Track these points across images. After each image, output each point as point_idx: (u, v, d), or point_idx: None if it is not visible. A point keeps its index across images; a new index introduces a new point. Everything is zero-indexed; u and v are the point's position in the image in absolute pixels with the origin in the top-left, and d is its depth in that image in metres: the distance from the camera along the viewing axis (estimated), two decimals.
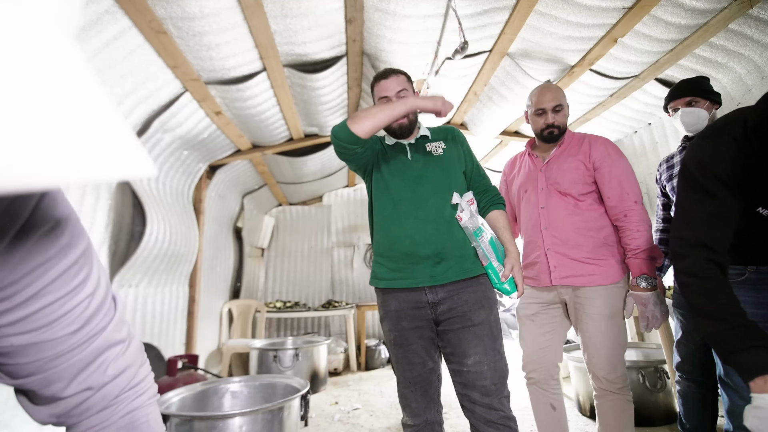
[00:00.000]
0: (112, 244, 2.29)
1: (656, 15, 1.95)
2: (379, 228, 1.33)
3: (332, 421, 2.52)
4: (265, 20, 1.85)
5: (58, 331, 0.39)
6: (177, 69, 2.06)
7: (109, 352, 0.44)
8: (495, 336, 1.23)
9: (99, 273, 0.43)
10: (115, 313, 0.45)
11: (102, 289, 0.43)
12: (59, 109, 0.18)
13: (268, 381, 2.12)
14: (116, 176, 0.20)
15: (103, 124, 0.20)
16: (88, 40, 1.65)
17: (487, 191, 1.40)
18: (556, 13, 1.97)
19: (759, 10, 1.87)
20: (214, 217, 3.79)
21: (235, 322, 4.03)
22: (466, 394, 1.21)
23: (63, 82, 0.19)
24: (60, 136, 0.18)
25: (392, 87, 1.34)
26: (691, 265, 0.92)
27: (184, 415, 1.54)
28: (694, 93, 1.59)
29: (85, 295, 0.41)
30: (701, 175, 0.93)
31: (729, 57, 2.21)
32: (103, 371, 0.43)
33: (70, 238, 0.39)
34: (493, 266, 1.26)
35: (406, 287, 1.25)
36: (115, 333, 0.45)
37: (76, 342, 0.41)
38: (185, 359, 2.48)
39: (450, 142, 1.40)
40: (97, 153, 0.19)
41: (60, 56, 0.19)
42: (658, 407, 2.12)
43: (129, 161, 0.20)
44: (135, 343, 0.48)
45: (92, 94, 0.20)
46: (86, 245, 0.41)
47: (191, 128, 2.63)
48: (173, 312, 3.02)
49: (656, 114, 2.92)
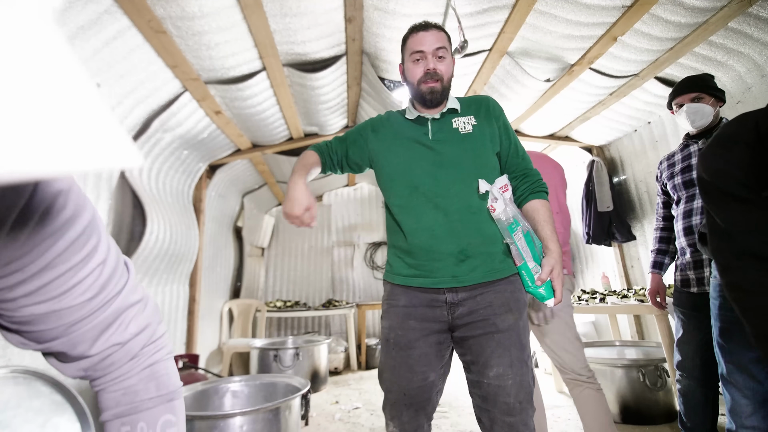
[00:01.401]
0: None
1: (656, 13, 1.95)
2: (396, 219, 1.14)
3: (333, 420, 2.52)
4: (265, 19, 1.85)
5: (75, 298, 0.41)
6: (176, 68, 2.06)
7: (127, 312, 0.47)
8: (523, 345, 1.05)
9: (108, 241, 0.45)
10: (128, 277, 0.48)
11: (113, 256, 0.46)
12: (42, 99, 0.18)
13: (269, 380, 2.13)
14: (102, 166, 0.20)
15: (88, 113, 0.20)
16: (88, 40, 1.65)
17: (527, 176, 1.16)
18: (555, 11, 1.97)
19: (758, 9, 1.87)
20: (215, 216, 3.79)
21: (236, 321, 4.03)
22: (486, 409, 1.03)
23: (45, 69, 0.19)
24: (43, 126, 0.18)
25: (432, 41, 1.11)
26: (739, 279, 0.82)
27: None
28: (699, 89, 1.58)
29: (96, 263, 0.43)
30: (724, 183, 0.85)
31: (729, 55, 2.21)
32: (124, 329, 0.46)
33: (74, 210, 0.40)
34: (528, 267, 1.06)
35: (425, 287, 1.08)
36: (131, 295, 0.48)
37: (94, 307, 0.43)
38: (186, 359, 2.49)
39: (483, 117, 1.16)
40: (82, 142, 0.19)
41: (41, 43, 0.19)
42: (659, 405, 2.12)
43: (115, 151, 0.20)
44: (151, 303, 0.52)
45: (76, 83, 0.20)
46: (91, 216, 0.42)
47: (191, 128, 2.63)
48: (174, 311, 3.02)
49: (656, 112, 2.92)
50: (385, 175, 1.18)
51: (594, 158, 3.55)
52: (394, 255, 1.17)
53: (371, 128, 1.24)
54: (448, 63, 1.15)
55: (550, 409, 2.53)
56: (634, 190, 3.35)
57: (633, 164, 3.35)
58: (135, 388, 0.48)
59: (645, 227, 3.24)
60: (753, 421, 1.02)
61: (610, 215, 3.33)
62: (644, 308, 2.21)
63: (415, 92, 1.16)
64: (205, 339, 3.53)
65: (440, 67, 1.12)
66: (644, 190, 3.25)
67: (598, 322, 3.76)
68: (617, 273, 3.51)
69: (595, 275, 3.85)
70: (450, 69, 1.16)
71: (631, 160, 3.36)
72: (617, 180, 3.51)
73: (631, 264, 3.43)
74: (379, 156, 1.19)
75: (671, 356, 1.93)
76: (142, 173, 2.55)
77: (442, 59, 1.13)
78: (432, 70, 1.11)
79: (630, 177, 3.40)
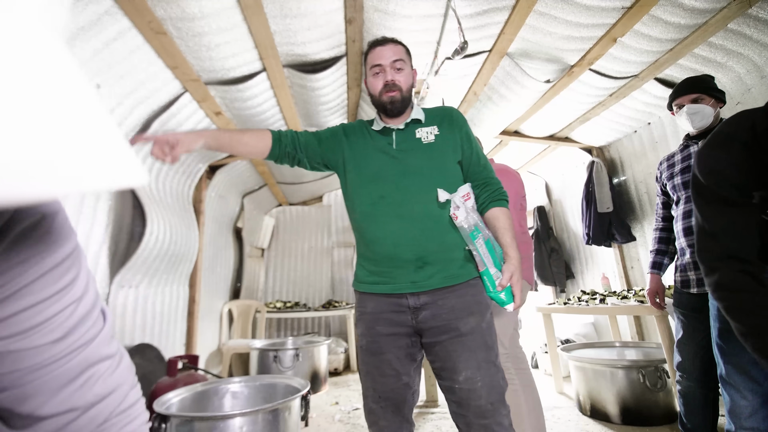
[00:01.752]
0: (112, 245, 2.29)
1: (655, 15, 1.95)
2: (358, 227, 1.19)
3: (333, 421, 2.52)
4: (265, 20, 1.85)
5: (38, 338, 0.35)
6: (177, 69, 2.06)
7: (96, 368, 0.39)
8: (489, 346, 1.08)
9: (87, 279, 0.40)
10: (104, 325, 0.41)
11: (90, 297, 0.39)
12: (51, 119, 0.18)
13: (269, 381, 2.13)
14: (109, 186, 0.20)
15: (96, 132, 0.20)
16: (88, 41, 1.65)
17: (488, 184, 1.21)
18: (555, 12, 1.97)
19: (758, 10, 1.88)
20: (214, 217, 3.79)
21: (236, 322, 4.03)
22: (461, 414, 1.06)
23: (55, 89, 0.18)
24: (52, 146, 0.17)
25: (387, 55, 1.17)
26: (721, 279, 0.86)
27: (184, 415, 1.54)
28: (700, 90, 1.58)
29: (70, 300, 0.37)
30: (715, 184, 0.87)
31: (728, 56, 2.21)
32: (89, 388, 0.38)
33: (56, 237, 0.35)
34: (489, 273, 1.10)
35: (387, 293, 1.12)
36: (103, 347, 0.40)
37: (59, 353, 0.36)
38: (185, 359, 2.48)
39: (446, 127, 1.21)
40: (90, 163, 0.19)
41: (51, 62, 0.18)
42: (659, 406, 2.12)
43: (122, 170, 0.20)
44: (126, 361, 0.44)
45: (85, 102, 0.20)
46: (74, 247, 0.38)
47: (191, 128, 2.63)
48: (173, 312, 3.02)
49: (656, 113, 2.92)
50: (352, 183, 1.21)
51: (594, 159, 3.55)
52: (358, 264, 1.22)
53: (344, 133, 1.27)
54: (407, 74, 1.21)
55: (551, 410, 2.52)
56: (634, 191, 3.36)
57: (633, 165, 3.35)
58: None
59: (645, 228, 3.24)
60: (752, 422, 1.02)
61: (610, 216, 3.33)
62: (644, 309, 2.21)
63: (377, 103, 1.21)
64: (205, 340, 3.53)
65: (398, 78, 1.18)
66: (644, 191, 3.25)
67: (598, 322, 3.76)
68: (617, 274, 3.51)
69: (595, 276, 3.85)
70: (409, 79, 1.21)
71: (631, 161, 3.36)
72: (617, 181, 3.51)
73: (631, 265, 3.43)
74: (349, 163, 1.23)
75: (671, 357, 1.93)
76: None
77: (401, 71, 1.19)
78: (390, 82, 1.17)
79: (630, 178, 3.40)
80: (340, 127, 1.30)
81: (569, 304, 2.93)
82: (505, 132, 3.47)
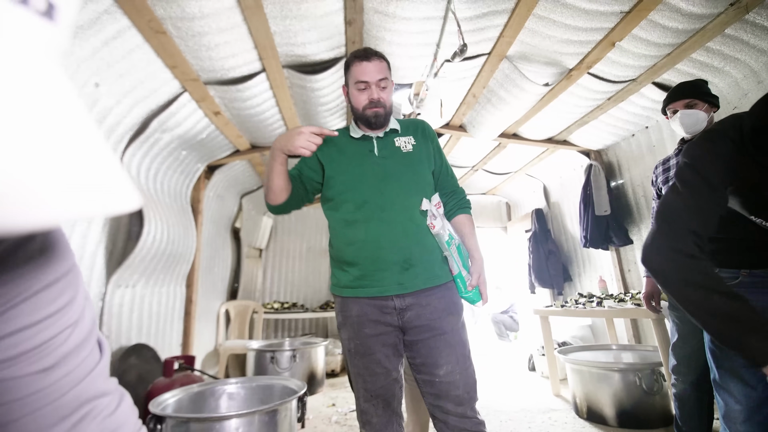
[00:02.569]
0: (109, 244, 2.28)
1: (653, 19, 1.96)
2: (341, 233, 1.22)
3: (329, 423, 2.51)
4: (265, 21, 1.85)
5: (27, 367, 0.30)
6: (176, 69, 2.06)
7: (92, 405, 0.34)
8: (464, 343, 1.19)
9: (84, 303, 0.35)
10: (101, 357, 0.37)
11: (86, 324, 0.35)
12: (43, 143, 0.17)
13: (266, 382, 2.12)
14: (101, 213, 0.19)
15: (89, 157, 0.19)
16: (87, 39, 1.65)
17: (455, 193, 1.33)
18: (554, 16, 1.98)
19: (755, 16, 1.89)
20: (212, 217, 3.78)
21: (233, 322, 4.02)
22: (438, 405, 1.15)
23: (49, 114, 0.18)
24: (42, 172, 0.16)
25: (373, 72, 1.22)
26: (674, 243, 0.88)
27: (180, 416, 1.54)
28: (693, 95, 1.58)
29: (64, 325, 0.32)
30: (692, 172, 0.92)
31: (725, 61, 2.22)
32: (84, 429, 0.33)
33: (50, 254, 0.32)
34: (462, 276, 1.21)
35: (373, 296, 1.16)
36: (100, 382, 0.35)
37: (50, 384, 0.32)
38: (182, 360, 2.47)
39: (420, 138, 1.31)
40: (81, 189, 0.17)
41: (45, 85, 0.18)
42: (655, 409, 2.13)
43: (115, 195, 0.19)
44: (127, 401, 0.39)
45: (79, 126, 0.19)
46: (70, 266, 0.34)
47: (190, 128, 2.62)
48: (170, 312, 3.01)
49: (653, 117, 2.93)
50: (333, 190, 1.25)
51: (592, 162, 3.56)
52: (338, 268, 1.24)
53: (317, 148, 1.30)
54: (389, 91, 1.29)
55: (547, 412, 2.53)
56: (631, 195, 3.37)
57: (630, 169, 3.36)
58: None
59: (642, 231, 3.25)
60: (747, 427, 1.02)
61: (607, 219, 3.34)
62: (641, 312, 2.21)
63: (360, 116, 1.27)
64: (202, 340, 3.52)
65: (383, 96, 1.25)
66: (641, 194, 3.26)
67: (595, 325, 3.77)
68: (614, 277, 3.52)
69: (593, 279, 3.86)
70: (391, 95, 1.29)
71: (629, 164, 3.38)
72: (615, 184, 3.53)
73: (628, 268, 3.44)
74: (327, 171, 1.27)
75: (667, 360, 1.94)
76: (140, 173, 2.55)
77: (385, 89, 1.26)
78: (376, 100, 1.24)
79: (627, 181, 3.41)
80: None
81: (566, 306, 2.94)
82: (504, 134, 3.48)
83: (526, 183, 4.81)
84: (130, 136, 2.35)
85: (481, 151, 3.98)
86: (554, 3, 1.90)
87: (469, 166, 4.40)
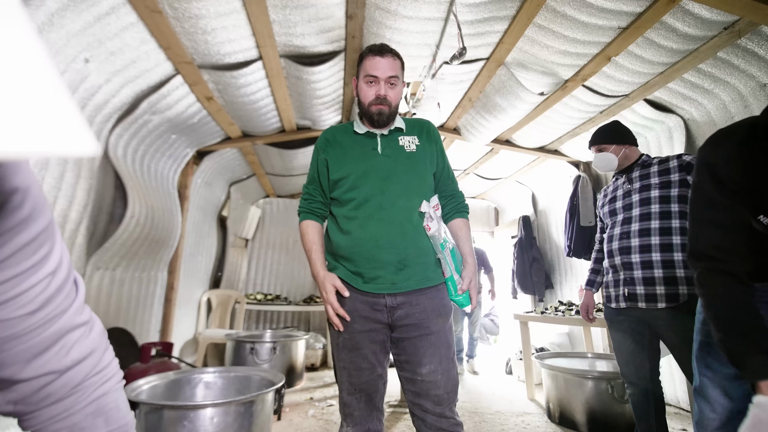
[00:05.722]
0: (90, 225, 2.22)
1: (649, 37, 2.00)
2: (340, 229, 1.23)
3: (306, 416, 2.51)
4: (265, 9, 1.82)
5: (13, 311, 0.36)
6: (170, 50, 2.01)
7: (70, 335, 0.41)
8: (449, 344, 1.20)
9: (62, 251, 0.40)
10: (77, 295, 0.43)
11: (64, 269, 0.40)
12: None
13: (244, 373, 2.10)
14: (54, 152, 0.19)
15: (42, 93, 0.19)
16: (79, 14, 1.60)
17: (454, 197, 1.33)
18: (554, 27, 2.01)
19: (747, 41, 1.95)
20: (199, 204, 3.73)
21: (214, 311, 3.97)
22: (418, 404, 1.17)
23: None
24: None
25: (384, 68, 1.21)
26: (698, 276, 0.94)
27: (154, 403, 1.51)
28: (600, 141, 1.81)
29: (44, 273, 0.37)
30: (704, 181, 0.93)
31: (715, 84, 2.28)
32: (65, 354, 0.41)
33: (30, 211, 0.35)
34: (453, 279, 1.22)
35: (366, 291, 1.18)
36: (76, 316, 0.42)
37: (34, 324, 0.38)
38: (159, 347, 2.44)
39: (425, 139, 1.29)
40: (31, 125, 0.18)
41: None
42: (624, 417, 2.19)
43: (69, 136, 0.19)
44: (98, 327, 0.46)
45: (29, 60, 0.19)
46: (49, 220, 0.38)
47: (181, 112, 2.57)
48: (150, 298, 2.96)
49: (643, 134, 2.99)
50: (339, 191, 1.25)
51: (580, 174, 3.62)
52: (336, 263, 1.24)
53: (321, 150, 1.31)
54: (398, 90, 1.26)
55: (520, 415, 2.57)
56: None
57: None
58: (80, 426, 0.42)
59: None
60: None
61: (592, 230, 3.40)
62: None
63: (364, 111, 1.26)
64: (181, 328, 3.47)
65: (390, 94, 1.23)
66: None
67: (573, 333, 3.85)
68: None
69: (573, 288, 3.93)
70: (399, 95, 1.27)
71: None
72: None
73: None
74: (332, 176, 1.27)
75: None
76: (127, 154, 2.49)
77: (393, 86, 1.24)
78: (382, 96, 1.22)
79: None
80: (317, 147, 1.33)
81: (546, 313, 2.99)
82: (497, 140, 3.51)
83: (516, 190, 4.86)
84: (119, 116, 2.29)
85: (474, 155, 4.01)
86: (555, 13, 1.92)
87: (461, 170, 4.42)
